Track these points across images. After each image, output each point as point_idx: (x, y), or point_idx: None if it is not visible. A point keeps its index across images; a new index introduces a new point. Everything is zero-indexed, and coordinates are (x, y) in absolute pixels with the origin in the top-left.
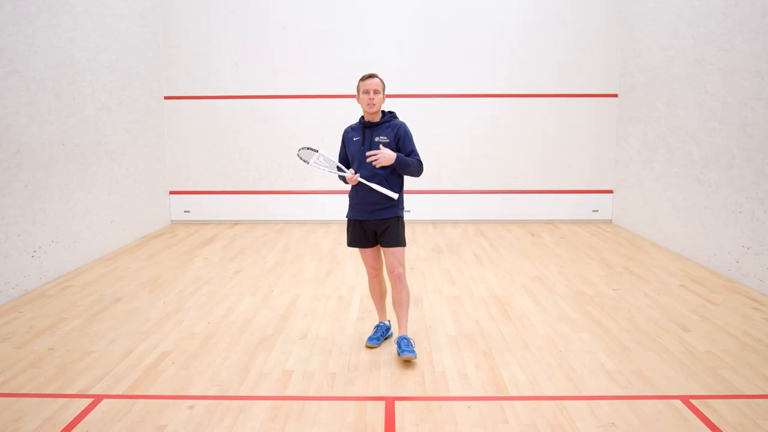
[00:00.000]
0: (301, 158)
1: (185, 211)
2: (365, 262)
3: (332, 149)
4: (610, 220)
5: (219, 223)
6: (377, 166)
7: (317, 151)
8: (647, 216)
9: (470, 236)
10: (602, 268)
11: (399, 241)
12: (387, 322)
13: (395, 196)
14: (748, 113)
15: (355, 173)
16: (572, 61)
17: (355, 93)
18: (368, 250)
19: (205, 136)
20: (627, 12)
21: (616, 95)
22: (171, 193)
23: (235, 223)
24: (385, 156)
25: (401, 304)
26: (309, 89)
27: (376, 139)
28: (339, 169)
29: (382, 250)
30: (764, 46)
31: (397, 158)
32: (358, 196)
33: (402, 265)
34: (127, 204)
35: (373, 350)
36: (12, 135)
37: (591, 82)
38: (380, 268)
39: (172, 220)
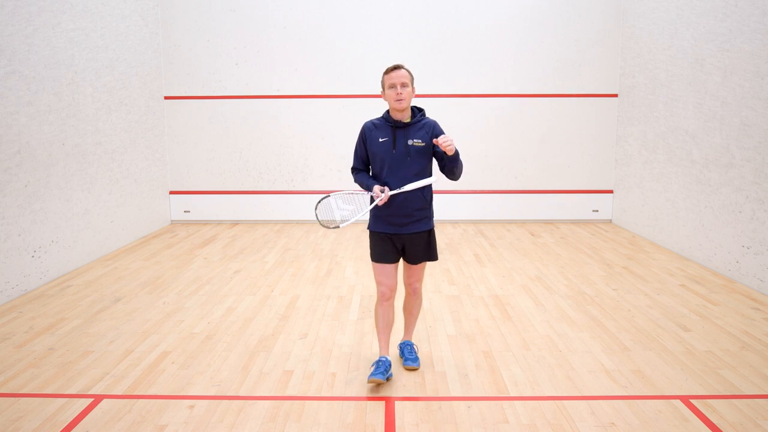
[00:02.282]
0: (329, 226)
1: (185, 211)
2: (381, 282)
3: (332, 149)
4: (610, 220)
5: (219, 223)
6: (449, 151)
7: (329, 195)
8: (647, 216)
9: (470, 236)
10: (602, 268)
11: (430, 256)
12: (389, 358)
13: (434, 179)
14: (748, 113)
15: (383, 189)
16: (572, 61)
17: (380, 89)
18: (390, 266)
19: (205, 136)
20: (627, 12)
21: (616, 95)
22: (171, 193)
23: (235, 223)
24: (452, 142)
25: (411, 312)
26: (309, 89)
27: (410, 142)
28: (366, 198)
29: (406, 266)
30: (764, 46)
31: (456, 150)
32: (390, 206)
33: (420, 280)
34: (127, 204)
35: (373, 350)
36: (12, 135)
37: (591, 82)
38: (396, 289)
39: (172, 220)
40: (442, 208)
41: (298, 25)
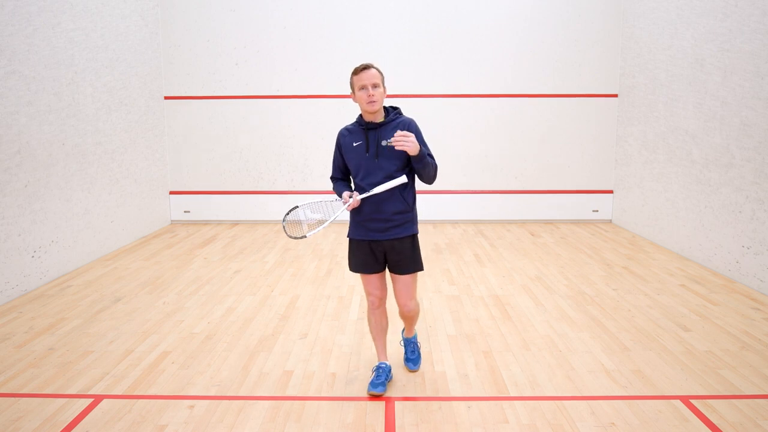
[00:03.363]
0: (296, 236)
1: (185, 211)
2: (369, 292)
3: (332, 149)
4: (610, 220)
5: (219, 223)
6: (398, 149)
7: (297, 207)
8: (647, 216)
9: (470, 236)
10: (602, 268)
11: (416, 265)
12: (388, 363)
13: (404, 179)
14: (748, 113)
15: (351, 195)
16: (572, 61)
17: (350, 90)
18: (375, 276)
19: (205, 136)
20: (627, 12)
21: (616, 95)
22: (171, 193)
23: (235, 223)
24: (413, 142)
25: (409, 322)
26: (309, 89)
27: (384, 142)
28: (335, 205)
29: (392, 277)
30: (764, 46)
31: (420, 150)
32: (366, 211)
33: (414, 298)
34: (127, 204)
35: (374, 351)
36: (12, 135)
37: (591, 82)
38: (386, 297)
39: (172, 220)
40: (442, 208)
41: (298, 25)
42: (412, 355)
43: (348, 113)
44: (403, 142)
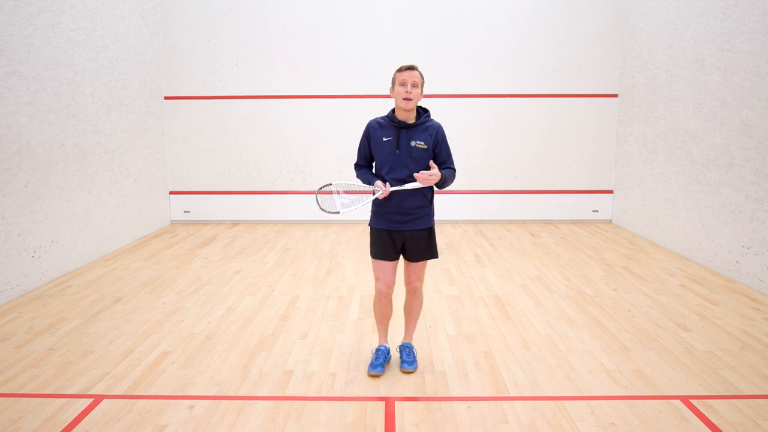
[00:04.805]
0: (329, 211)
1: (185, 211)
2: (379, 278)
3: (332, 149)
4: (610, 220)
5: (219, 223)
6: (424, 184)
7: (330, 184)
8: (647, 216)
9: (470, 236)
10: (602, 268)
11: (431, 253)
12: (387, 346)
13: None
14: (748, 113)
15: (385, 183)
16: (572, 61)
17: (390, 85)
18: (390, 264)
19: (205, 136)
20: (627, 12)
21: (616, 95)
22: (171, 193)
23: (235, 223)
24: (436, 176)
25: (411, 313)
26: (309, 89)
27: (413, 143)
28: (363, 190)
29: (406, 264)
30: (764, 46)
31: (441, 177)
32: (390, 203)
33: (421, 279)
34: (127, 204)
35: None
36: (12, 135)
37: (591, 82)
38: (393, 286)
39: (172, 220)
40: (442, 208)
41: (298, 25)
42: (408, 358)
43: (348, 113)
44: (424, 179)
